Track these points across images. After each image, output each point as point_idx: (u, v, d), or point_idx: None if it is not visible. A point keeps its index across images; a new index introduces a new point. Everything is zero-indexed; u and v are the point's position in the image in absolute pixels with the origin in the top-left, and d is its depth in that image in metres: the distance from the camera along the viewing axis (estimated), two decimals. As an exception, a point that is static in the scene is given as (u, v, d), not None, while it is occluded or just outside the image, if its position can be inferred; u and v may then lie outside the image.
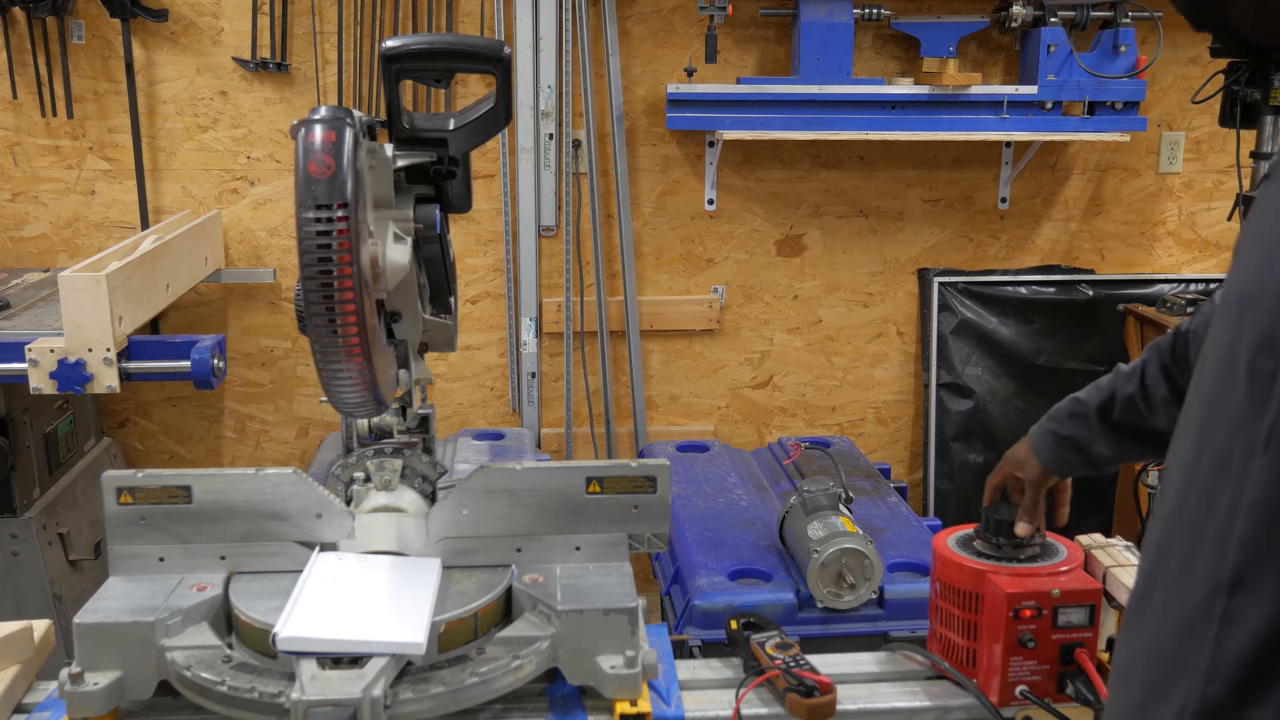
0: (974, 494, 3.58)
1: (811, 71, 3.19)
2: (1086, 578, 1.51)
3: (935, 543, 1.58)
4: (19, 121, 3.25)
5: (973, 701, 1.50)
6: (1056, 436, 1.53)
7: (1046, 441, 1.54)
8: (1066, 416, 1.52)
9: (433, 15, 3.22)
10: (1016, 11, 3.21)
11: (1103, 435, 1.49)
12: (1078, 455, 1.52)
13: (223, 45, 3.24)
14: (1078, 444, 1.51)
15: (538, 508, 1.55)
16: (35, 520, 2.69)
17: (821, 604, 2.00)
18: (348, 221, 1.22)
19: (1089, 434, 1.50)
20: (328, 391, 1.33)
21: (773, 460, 2.78)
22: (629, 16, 3.32)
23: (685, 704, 1.48)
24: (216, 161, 3.32)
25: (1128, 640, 0.87)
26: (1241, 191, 3.08)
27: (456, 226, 3.34)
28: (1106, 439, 1.49)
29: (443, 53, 1.45)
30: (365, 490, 1.59)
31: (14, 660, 1.52)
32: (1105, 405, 1.48)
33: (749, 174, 3.46)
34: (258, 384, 3.50)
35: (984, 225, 3.58)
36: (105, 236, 3.31)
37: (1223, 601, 0.75)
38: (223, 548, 1.54)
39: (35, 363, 2.31)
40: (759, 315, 3.58)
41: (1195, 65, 3.47)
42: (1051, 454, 1.53)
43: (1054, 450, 1.53)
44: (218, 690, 1.35)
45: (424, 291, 1.50)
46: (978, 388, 3.56)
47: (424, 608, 1.41)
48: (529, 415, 3.50)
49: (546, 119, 3.29)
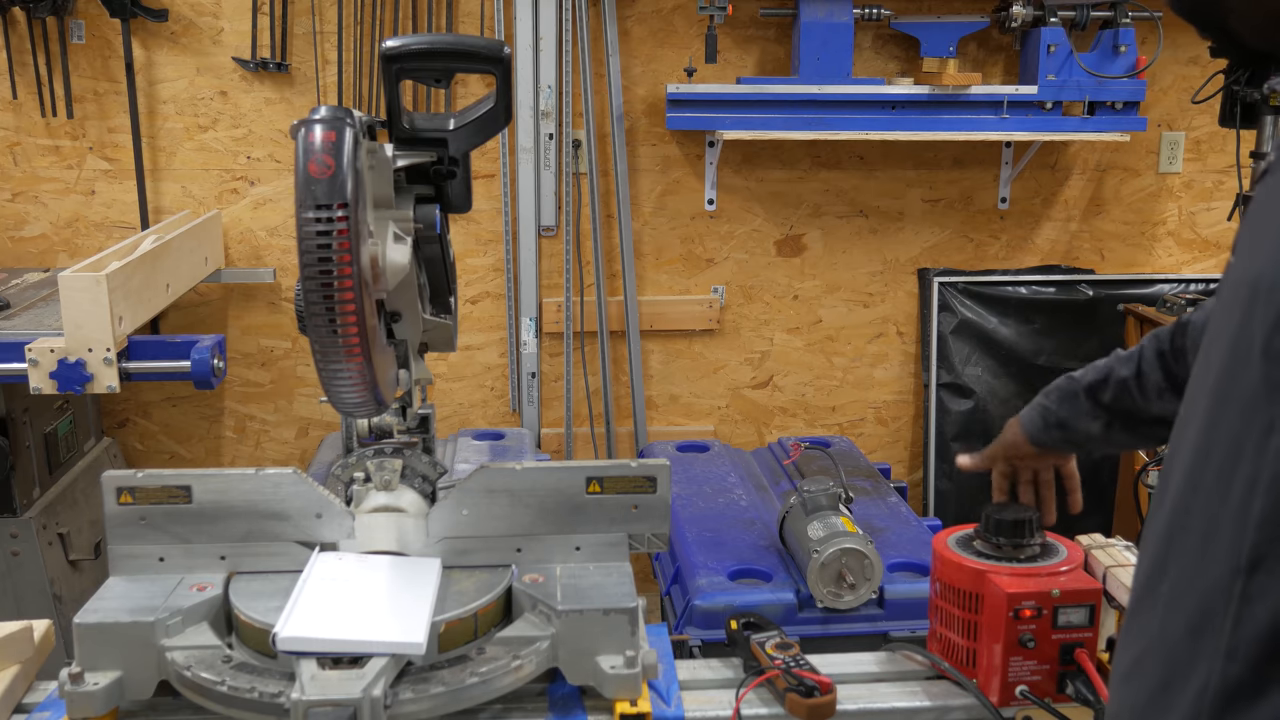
0: (974, 494, 3.58)
1: (811, 71, 3.19)
2: (1086, 578, 1.51)
3: (935, 543, 1.58)
4: (19, 121, 3.25)
5: (973, 701, 1.50)
6: (1045, 412, 1.56)
7: (1035, 417, 1.57)
8: (1056, 392, 1.55)
9: (433, 15, 3.22)
10: (1016, 11, 3.21)
11: (1090, 413, 1.51)
12: (1061, 432, 1.54)
13: (223, 45, 3.24)
14: (1065, 423, 1.53)
15: (538, 508, 1.55)
16: (35, 520, 2.69)
17: (821, 604, 2.00)
18: (348, 221, 1.22)
19: (1076, 410, 1.52)
20: (328, 391, 1.33)
21: (773, 460, 2.78)
22: (629, 16, 3.32)
23: (685, 704, 1.48)
24: (216, 161, 3.32)
25: (1133, 637, 0.86)
26: (1241, 191, 3.08)
27: (456, 226, 3.34)
28: (1095, 418, 1.51)
29: (443, 53, 1.45)
30: (365, 490, 1.59)
31: (14, 660, 1.52)
32: (1097, 384, 1.50)
33: (749, 174, 3.46)
34: (258, 384, 3.50)
35: (984, 225, 3.58)
36: (105, 236, 3.32)
37: (1242, 581, 0.75)
38: (223, 548, 1.54)
39: (35, 363, 2.31)
40: (759, 315, 3.58)
41: (1195, 65, 3.47)
42: (1039, 429, 1.56)
43: (1040, 423, 1.56)
44: (218, 690, 1.35)
45: (424, 291, 1.50)
46: (978, 388, 3.56)
47: (424, 608, 1.41)
48: (529, 415, 3.50)
49: (546, 119, 3.29)
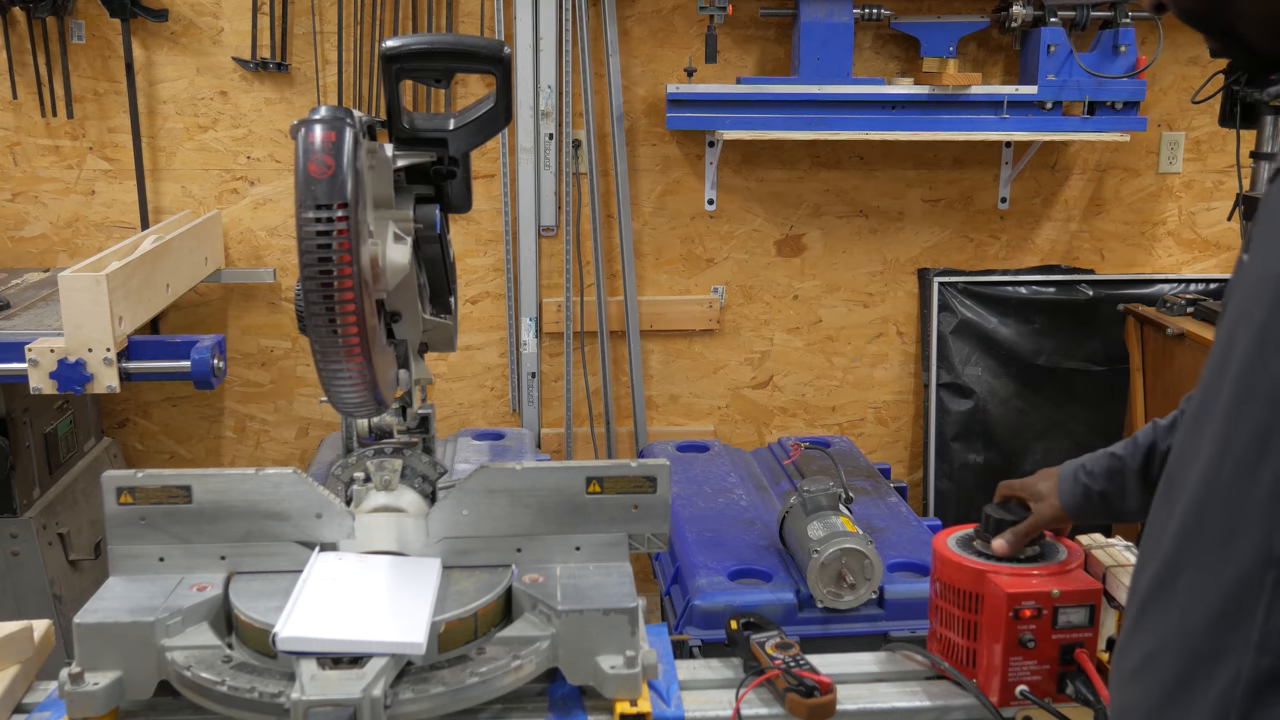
0: (974, 494, 3.59)
1: (811, 71, 3.19)
2: (1086, 578, 1.51)
3: (935, 543, 1.58)
4: (19, 121, 3.25)
5: (973, 701, 1.50)
6: (1088, 491, 1.49)
7: (1076, 494, 1.50)
8: (1103, 472, 1.49)
9: (433, 15, 3.22)
10: (1016, 11, 3.21)
11: (1137, 493, 1.45)
12: (1104, 509, 1.49)
13: (223, 45, 3.24)
14: (1108, 499, 1.48)
15: (538, 508, 1.55)
16: (35, 520, 2.69)
17: (821, 604, 2.00)
18: (348, 221, 1.22)
19: (1122, 492, 1.47)
20: (328, 391, 1.33)
21: (773, 460, 2.78)
22: (629, 16, 3.32)
23: (685, 704, 1.48)
24: (216, 161, 3.32)
25: (1141, 635, 0.86)
26: (1241, 191, 3.08)
27: (456, 226, 3.34)
28: (1139, 497, 1.45)
29: (443, 53, 1.45)
30: (365, 490, 1.59)
31: (14, 660, 1.52)
32: (1145, 463, 1.44)
33: (749, 174, 3.46)
34: (258, 384, 3.50)
35: (984, 225, 3.58)
36: (105, 236, 3.31)
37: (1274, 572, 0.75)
38: (223, 548, 1.54)
39: (35, 363, 2.31)
40: (759, 315, 3.58)
41: (1195, 65, 3.47)
42: (1078, 505, 1.50)
43: (1082, 503, 1.50)
44: (218, 690, 1.35)
45: (424, 291, 1.50)
46: (978, 388, 3.56)
47: (424, 608, 1.41)
48: (529, 415, 3.50)
49: (546, 119, 3.29)
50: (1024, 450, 3.59)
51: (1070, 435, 3.58)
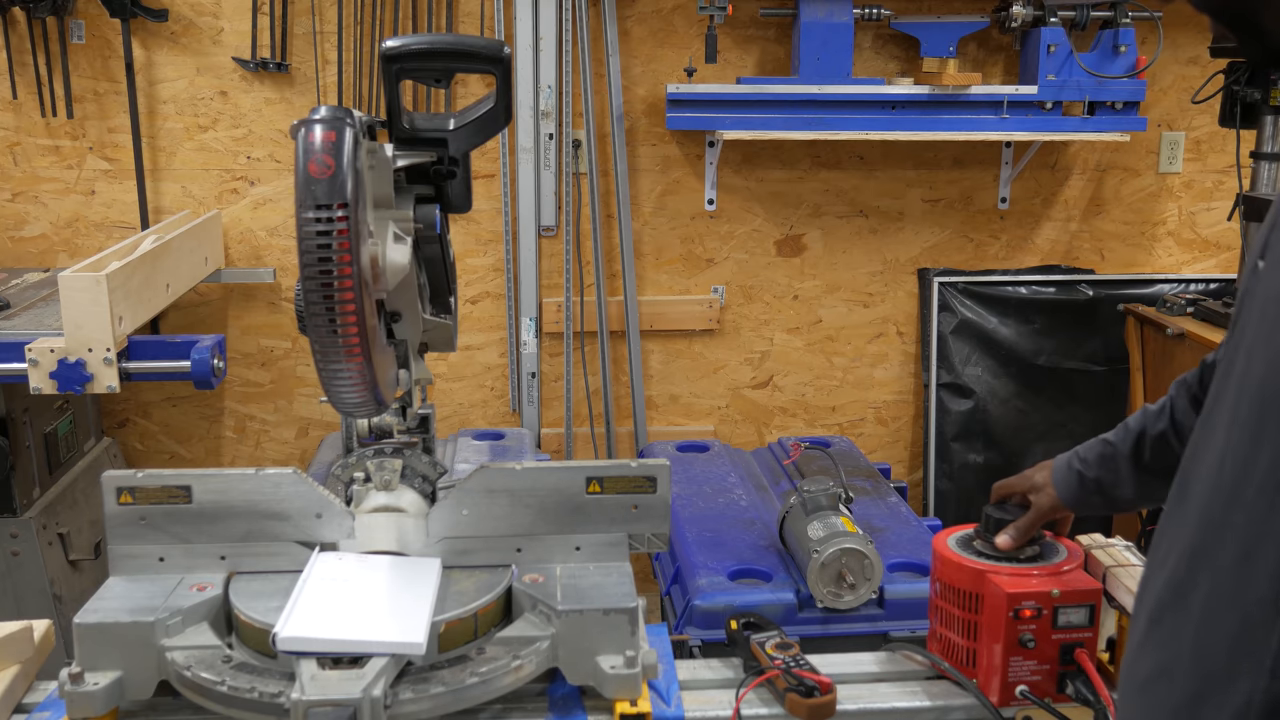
0: (974, 494, 3.59)
1: (811, 71, 3.19)
2: (1086, 578, 1.51)
3: (935, 543, 1.58)
4: (19, 121, 3.25)
5: (973, 701, 1.50)
6: (1082, 478, 1.50)
7: (1071, 481, 1.51)
8: (1096, 459, 1.49)
9: (433, 15, 3.22)
10: (1016, 11, 3.21)
11: (1131, 479, 1.46)
12: (1100, 497, 1.50)
13: (223, 45, 3.24)
14: (1103, 486, 1.49)
15: (538, 508, 1.55)
16: (35, 520, 2.69)
17: (821, 604, 2.00)
18: (348, 221, 1.22)
19: (1115, 478, 1.47)
20: (328, 391, 1.33)
21: (773, 460, 2.78)
22: (629, 16, 3.32)
23: (685, 704, 1.48)
24: (216, 161, 3.32)
25: (1154, 645, 0.85)
26: (1241, 191, 3.08)
27: (456, 226, 3.34)
28: (1133, 482, 1.46)
29: (443, 53, 1.45)
30: (365, 490, 1.59)
31: (14, 660, 1.52)
32: (1136, 448, 1.45)
33: (749, 174, 3.46)
34: (258, 384, 3.50)
35: (984, 225, 3.58)
36: (105, 236, 3.31)
37: None
38: (223, 548, 1.54)
39: (35, 363, 2.31)
40: (759, 315, 3.58)
41: (1195, 65, 3.47)
42: (1074, 494, 1.51)
43: (1077, 491, 1.51)
44: (218, 690, 1.35)
45: (424, 291, 1.50)
46: (978, 388, 3.56)
47: (424, 608, 1.41)
48: (529, 415, 3.50)
49: (546, 119, 3.29)
50: (1024, 450, 3.59)
51: (1070, 435, 3.58)
